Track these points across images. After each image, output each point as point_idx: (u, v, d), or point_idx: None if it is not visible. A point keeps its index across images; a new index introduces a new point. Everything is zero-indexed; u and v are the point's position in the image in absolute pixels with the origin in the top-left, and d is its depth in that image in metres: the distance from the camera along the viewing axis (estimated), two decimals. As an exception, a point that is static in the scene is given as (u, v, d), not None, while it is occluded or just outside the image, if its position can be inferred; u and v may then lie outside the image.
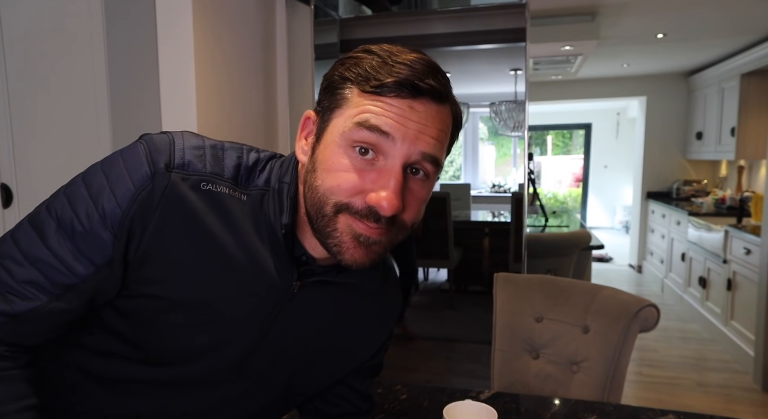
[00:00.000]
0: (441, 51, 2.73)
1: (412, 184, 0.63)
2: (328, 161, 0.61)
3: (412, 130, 0.59)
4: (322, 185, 0.61)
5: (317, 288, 0.71)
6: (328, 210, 0.61)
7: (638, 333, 1.21)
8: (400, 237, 0.66)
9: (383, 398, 1.06)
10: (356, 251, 0.62)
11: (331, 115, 0.62)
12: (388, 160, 0.60)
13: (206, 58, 1.83)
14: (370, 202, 0.60)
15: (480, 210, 4.04)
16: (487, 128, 5.19)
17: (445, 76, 0.65)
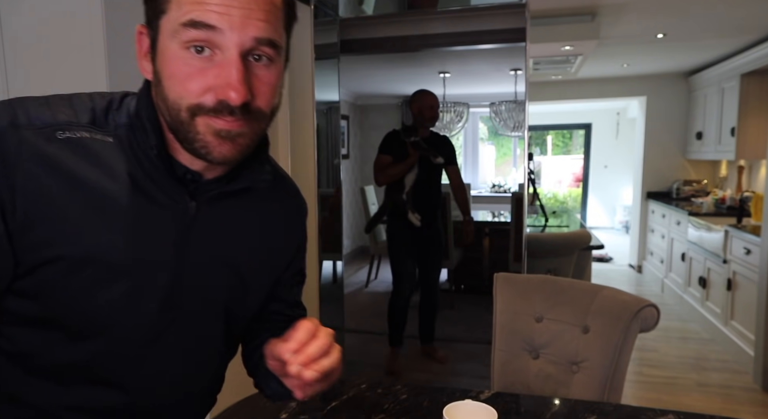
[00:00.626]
0: (441, 51, 2.73)
1: (257, 70, 0.63)
2: (169, 69, 0.61)
3: (237, 18, 0.59)
4: (171, 93, 0.62)
5: (216, 206, 0.72)
6: (183, 116, 0.62)
7: (638, 333, 1.21)
8: (264, 126, 0.68)
9: (383, 398, 1.06)
10: (222, 147, 0.63)
11: (158, 23, 0.61)
12: (225, 53, 0.60)
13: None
14: (218, 96, 0.60)
15: (480, 211, 4.04)
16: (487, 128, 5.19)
17: None
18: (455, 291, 3.33)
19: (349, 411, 1.01)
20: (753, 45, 4.11)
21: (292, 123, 2.41)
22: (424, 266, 2.99)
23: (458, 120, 3.00)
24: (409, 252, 2.94)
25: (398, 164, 2.80)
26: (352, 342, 2.91)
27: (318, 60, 2.43)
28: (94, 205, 0.63)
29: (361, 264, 3.22)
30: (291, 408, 1.02)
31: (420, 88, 2.82)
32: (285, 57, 0.68)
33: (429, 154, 2.82)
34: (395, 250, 2.96)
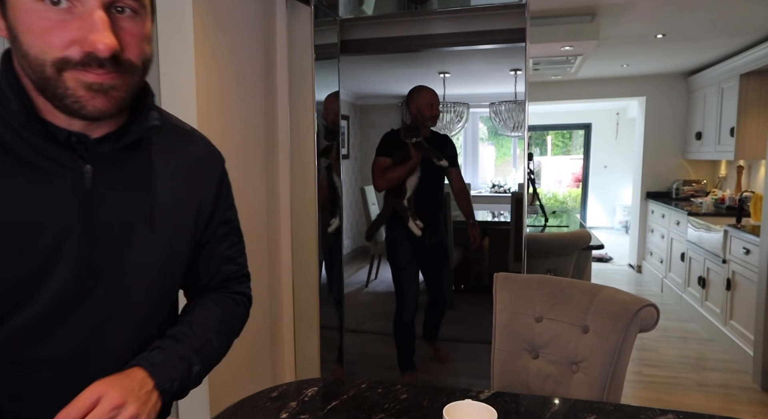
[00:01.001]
0: (441, 51, 2.73)
1: (123, 23, 0.61)
2: (24, 24, 0.58)
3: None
4: (31, 49, 0.59)
5: (115, 165, 0.70)
6: (49, 71, 0.60)
7: (638, 333, 1.21)
8: (137, 78, 0.66)
9: (383, 398, 1.06)
10: (96, 100, 0.61)
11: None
12: (85, 5, 0.58)
13: (206, 58, 1.83)
14: (85, 48, 0.59)
15: (480, 211, 4.04)
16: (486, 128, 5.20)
17: None
18: (455, 291, 3.33)
19: (349, 411, 1.01)
20: (752, 45, 4.11)
21: (292, 122, 2.41)
22: (431, 277, 2.89)
23: (458, 120, 3.00)
24: (412, 262, 2.83)
25: (399, 167, 2.68)
26: (352, 342, 2.91)
27: (318, 60, 2.43)
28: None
29: (361, 264, 3.22)
30: (291, 407, 1.02)
31: (420, 87, 2.82)
32: (151, 9, 0.67)
33: (432, 155, 2.68)
34: (396, 262, 2.82)
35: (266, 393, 1.07)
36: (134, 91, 0.66)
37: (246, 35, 2.12)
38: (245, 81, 2.13)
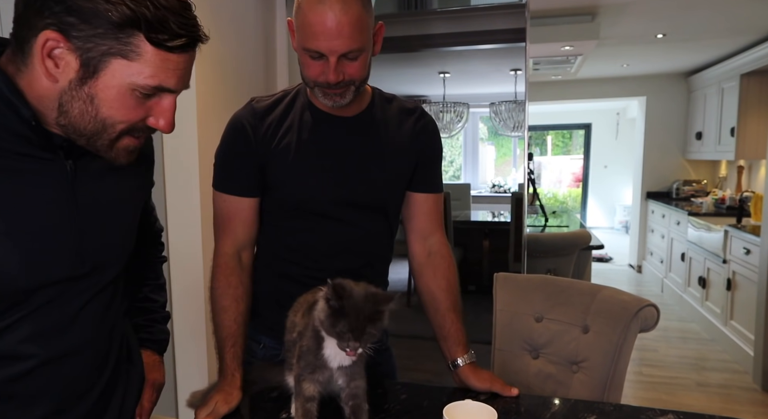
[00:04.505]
0: (441, 51, 2.73)
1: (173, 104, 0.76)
2: (116, 103, 0.69)
3: (186, 76, 0.75)
4: (109, 117, 0.70)
5: (91, 163, 0.78)
6: (112, 134, 0.72)
7: (638, 333, 1.21)
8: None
9: (383, 398, 1.06)
10: (128, 158, 0.77)
11: (109, 61, 0.66)
12: (166, 99, 0.73)
13: (206, 57, 1.83)
14: (154, 125, 0.74)
15: (480, 211, 4.03)
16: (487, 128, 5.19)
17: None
18: (455, 291, 3.32)
19: (349, 411, 1.01)
20: (753, 45, 4.11)
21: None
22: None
23: (458, 120, 3.00)
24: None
25: None
26: (352, 342, 2.90)
27: (318, 60, 2.42)
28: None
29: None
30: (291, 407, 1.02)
31: (420, 87, 2.81)
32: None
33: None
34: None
35: (266, 393, 1.07)
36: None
37: (246, 34, 2.12)
38: (245, 80, 2.13)
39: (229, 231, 1.12)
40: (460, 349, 1.12)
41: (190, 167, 1.82)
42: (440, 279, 1.18)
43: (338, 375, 0.91)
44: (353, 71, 1.00)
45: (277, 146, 1.09)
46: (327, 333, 0.86)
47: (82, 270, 0.79)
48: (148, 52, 0.66)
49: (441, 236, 1.23)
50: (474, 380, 1.08)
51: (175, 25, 0.67)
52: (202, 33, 0.74)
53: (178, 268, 1.88)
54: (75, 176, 0.76)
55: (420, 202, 1.20)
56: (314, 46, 0.96)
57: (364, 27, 0.97)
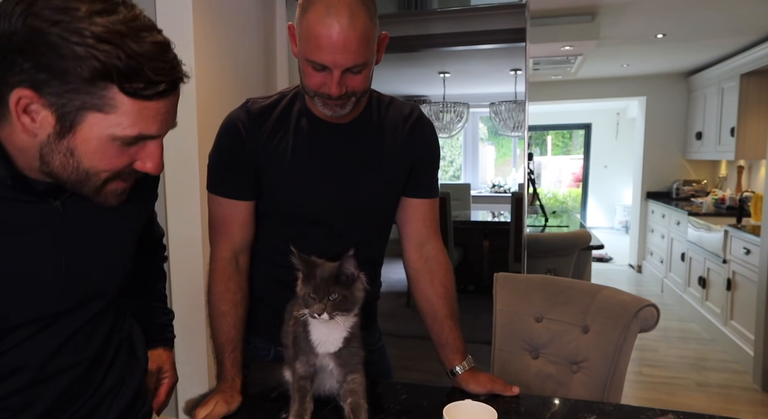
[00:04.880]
0: (441, 51, 2.73)
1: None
2: (98, 154, 0.68)
3: (170, 119, 0.72)
4: (92, 168, 0.69)
5: (82, 202, 0.77)
6: (98, 183, 0.72)
7: (638, 333, 1.21)
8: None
9: (383, 398, 1.06)
10: (117, 200, 0.76)
11: (84, 115, 0.65)
12: (151, 144, 0.72)
13: (206, 57, 1.83)
14: (142, 168, 0.73)
15: (480, 211, 4.03)
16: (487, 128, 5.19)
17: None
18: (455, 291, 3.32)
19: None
20: (753, 45, 4.11)
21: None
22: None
23: (458, 120, 3.00)
24: None
25: None
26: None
27: (318, 60, 2.42)
28: None
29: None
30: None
31: (420, 87, 2.81)
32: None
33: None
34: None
35: (266, 393, 1.07)
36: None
37: (246, 34, 2.12)
38: (245, 80, 2.13)
39: (226, 235, 1.11)
40: (458, 357, 1.11)
41: (190, 167, 1.82)
42: (438, 287, 1.16)
43: (331, 364, 0.92)
44: (356, 84, 0.98)
45: (272, 151, 1.07)
46: (304, 308, 0.88)
47: (69, 305, 0.79)
48: (124, 102, 0.64)
49: (437, 242, 1.20)
50: (473, 385, 1.08)
51: (150, 72, 0.64)
52: (183, 74, 0.69)
53: (178, 269, 1.88)
54: (64, 214, 0.76)
55: (415, 207, 1.18)
56: (318, 59, 0.93)
57: (370, 40, 0.95)
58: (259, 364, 1.13)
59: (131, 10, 0.64)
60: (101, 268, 0.84)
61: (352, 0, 0.91)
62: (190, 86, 1.77)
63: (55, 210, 0.75)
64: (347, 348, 0.91)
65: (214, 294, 1.10)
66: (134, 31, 0.62)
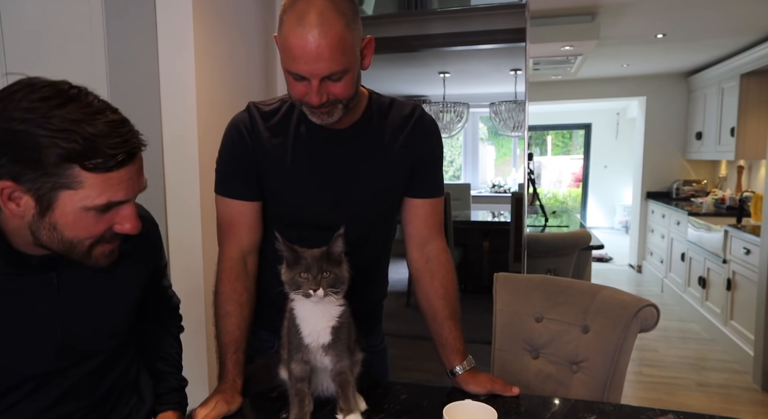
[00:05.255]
0: (441, 51, 2.73)
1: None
2: (76, 225, 0.78)
3: (136, 184, 0.81)
4: (75, 237, 0.80)
5: (78, 269, 0.88)
6: (84, 249, 0.81)
7: (638, 333, 1.21)
8: None
9: (383, 398, 1.06)
10: (107, 260, 0.86)
11: (57, 194, 0.75)
12: (124, 208, 0.82)
13: (206, 58, 1.83)
14: (121, 230, 0.83)
15: (480, 211, 4.03)
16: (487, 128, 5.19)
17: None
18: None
19: (349, 411, 1.01)
20: (753, 45, 4.11)
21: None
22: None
23: (458, 120, 3.00)
24: None
25: None
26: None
27: (318, 60, 2.42)
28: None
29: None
30: (291, 408, 1.02)
31: (420, 87, 2.80)
32: None
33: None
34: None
35: (266, 393, 1.07)
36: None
37: (246, 34, 2.13)
38: (245, 80, 2.13)
39: (234, 236, 1.11)
40: (458, 358, 1.11)
41: (190, 167, 1.82)
42: (438, 287, 1.16)
43: (324, 356, 0.93)
44: (338, 91, 0.97)
45: (272, 157, 1.08)
46: (292, 291, 0.90)
47: (66, 363, 0.89)
48: (89, 177, 0.74)
49: (440, 242, 1.20)
50: (473, 385, 1.08)
51: (106, 148, 0.73)
52: (140, 143, 0.79)
53: (178, 269, 1.88)
54: (60, 284, 0.87)
55: (417, 207, 1.17)
56: (295, 69, 0.94)
57: (347, 47, 0.93)
58: (265, 358, 1.13)
59: (86, 98, 0.75)
60: (98, 329, 0.93)
61: (324, 8, 0.90)
62: (189, 88, 1.77)
63: (50, 281, 0.86)
64: (336, 341, 0.92)
65: (221, 294, 1.10)
66: (88, 116, 0.73)
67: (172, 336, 1.18)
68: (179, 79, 1.77)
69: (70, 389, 0.90)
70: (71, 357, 0.89)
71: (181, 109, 1.78)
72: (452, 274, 1.19)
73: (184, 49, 1.74)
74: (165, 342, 1.15)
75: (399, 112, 1.15)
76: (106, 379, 0.97)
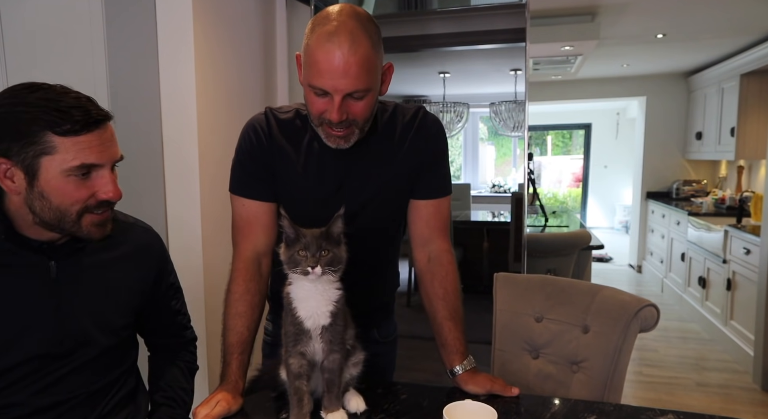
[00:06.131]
0: (441, 51, 2.73)
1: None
2: (60, 190, 0.87)
3: (107, 150, 0.90)
4: (62, 204, 0.88)
5: (77, 262, 0.97)
6: (72, 217, 0.89)
7: (638, 333, 1.21)
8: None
9: (383, 398, 1.06)
10: (101, 231, 0.94)
11: (39, 161, 0.85)
12: (101, 171, 0.90)
13: (206, 58, 1.83)
14: (104, 197, 0.90)
15: (480, 211, 4.03)
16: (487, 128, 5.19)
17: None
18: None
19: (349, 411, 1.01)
20: (753, 45, 4.11)
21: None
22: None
23: (458, 120, 3.00)
24: None
25: None
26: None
27: (318, 60, 2.42)
28: None
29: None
30: (291, 408, 1.02)
31: (420, 87, 2.80)
32: None
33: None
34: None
35: (266, 393, 1.07)
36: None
37: (246, 35, 2.13)
38: (245, 81, 2.13)
39: (250, 236, 1.11)
40: (457, 358, 1.11)
41: (190, 168, 1.82)
42: (438, 288, 1.16)
43: (319, 346, 0.93)
44: (358, 111, 0.99)
45: (286, 163, 1.10)
46: (290, 269, 0.91)
47: (60, 350, 0.95)
48: (62, 142, 0.85)
49: (442, 242, 1.20)
50: (472, 385, 1.08)
51: (74, 116, 0.85)
52: (105, 113, 0.89)
53: (178, 270, 1.87)
54: (59, 272, 0.95)
55: (420, 209, 1.18)
56: (319, 84, 0.95)
57: (372, 67, 0.97)
58: (268, 366, 1.13)
59: (55, 86, 0.88)
60: (92, 321, 0.99)
61: (354, 27, 0.93)
62: (189, 89, 1.77)
63: (49, 268, 0.94)
64: (333, 326, 0.92)
65: (233, 293, 1.10)
66: (59, 95, 0.86)
67: (179, 370, 1.19)
68: (179, 80, 1.77)
69: (63, 378, 0.96)
70: (67, 343, 0.95)
71: (181, 110, 1.78)
72: (453, 276, 1.19)
73: (184, 49, 1.74)
74: (168, 374, 1.17)
75: (403, 118, 1.16)
76: (100, 379, 1.02)
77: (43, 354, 0.94)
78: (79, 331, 0.97)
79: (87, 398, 1.00)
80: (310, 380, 0.95)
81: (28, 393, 0.93)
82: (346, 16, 0.94)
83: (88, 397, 1.00)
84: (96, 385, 1.01)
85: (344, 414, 0.94)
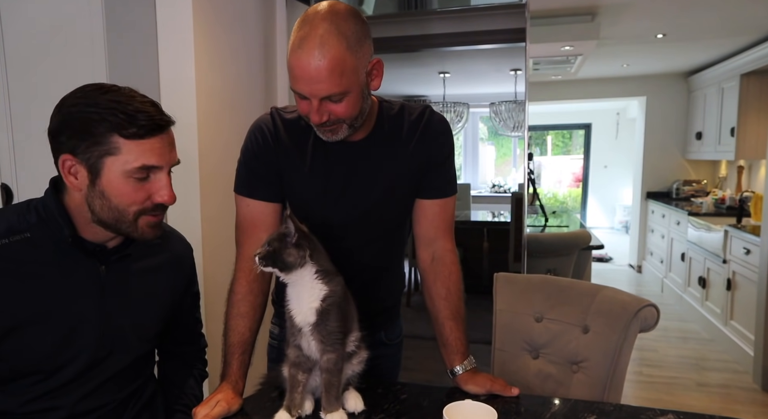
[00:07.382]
0: (441, 51, 2.73)
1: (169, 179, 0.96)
2: (120, 191, 0.90)
3: (167, 154, 0.92)
4: (120, 204, 0.90)
5: (125, 268, 1.00)
6: (130, 217, 0.92)
7: (638, 333, 1.21)
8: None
9: (383, 398, 1.06)
10: (154, 232, 0.96)
11: (103, 161, 0.88)
12: (159, 174, 0.92)
13: (206, 58, 1.83)
14: (160, 200, 0.93)
15: (480, 211, 4.03)
16: (487, 128, 5.19)
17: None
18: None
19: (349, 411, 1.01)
20: (753, 45, 4.11)
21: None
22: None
23: (458, 120, 3.00)
24: None
25: None
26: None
27: (318, 60, 2.42)
28: (27, 292, 0.91)
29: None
30: (291, 408, 1.02)
31: (420, 87, 2.80)
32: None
33: None
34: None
35: (266, 393, 1.07)
36: None
37: (246, 35, 2.13)
38: (245, 81, 2.13)
39: (254, 237, 1.10)
40: (458, 358, 1.11)
41: (190, 168, 1.82)
42: (440, 288, 1.16)
43: (312, 344, 0.94)
44: (339, 111, 0.99)
45: (292, 163, 1.10)
46: (295, 268, 0.92)
47: (102, 354, 0.98)
48: (126, 144, 0.87)
49: (445, 242, 1.20)
50: (472, 385, 1.08)
51: (140, 120, 0.87)
52: (168, 118, 0.92)
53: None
54: (107, 277, 0.98)
55: (424, 209, 1.18)
56: (297, 89, 0.97)
57: (346, 70, 0.95)
58: (274, 374, 1.13)
59: (122, 89, 0.90)
60: (131, 327, 1.02)
61: (325, 32, 0.92)
62: (189, 89, 1.77)
63: (99, 273, 0.97)
64: (324, 324, 0.92)
65: (236, 294, 1.10)
66: (126, 99, 0.88)
67: (195, 379, 1.21)
68: (179, 80, 1.77)
69: (102, 384, 0.99)
70: (106, 348, 0.98)
71: (181, 110, 1.78)
72: (456, 276, 1.19)
73: (184, 49, 1.74)
74: (184, 382, 1.18)
75: (409, 117, 1.15)
76: (128, 386, 1.05)
77: (89, 358, 0.96)
78: (119, 337, 1.00)
79: (116, 406, 1.03)
80: (310, 374, 0.96)
81: (73, 398, 0.96)
82: (320, 19, 0.93)
83: (117, 405, 1.03)
84: (123, 393, 1.04)
85: (344, 415, 0.95)
